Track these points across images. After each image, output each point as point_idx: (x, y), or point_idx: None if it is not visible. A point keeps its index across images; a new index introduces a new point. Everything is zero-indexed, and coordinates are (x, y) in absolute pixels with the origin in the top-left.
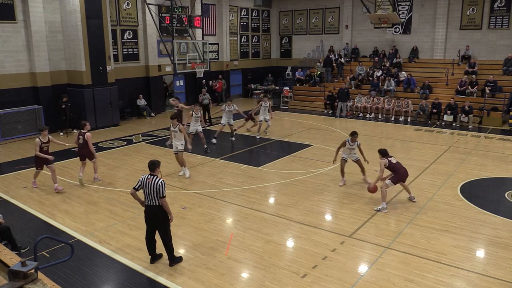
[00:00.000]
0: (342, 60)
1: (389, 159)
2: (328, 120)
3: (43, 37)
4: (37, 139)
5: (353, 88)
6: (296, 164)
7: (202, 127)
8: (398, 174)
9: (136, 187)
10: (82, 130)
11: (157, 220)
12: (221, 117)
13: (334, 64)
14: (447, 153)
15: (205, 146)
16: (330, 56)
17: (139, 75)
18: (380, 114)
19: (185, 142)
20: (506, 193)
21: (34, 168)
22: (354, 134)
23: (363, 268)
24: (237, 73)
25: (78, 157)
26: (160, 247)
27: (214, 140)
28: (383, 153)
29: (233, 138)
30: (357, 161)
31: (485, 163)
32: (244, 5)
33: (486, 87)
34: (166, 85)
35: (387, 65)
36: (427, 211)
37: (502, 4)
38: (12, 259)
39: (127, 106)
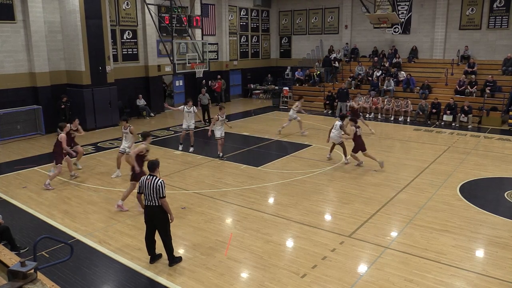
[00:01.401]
0: (337, 64)
1: (357, 129)
2: (327, 120)
3: (42, 37)
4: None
5: (352, 88)
6: (296, 164)
7: (195, 127)
8: (356, 144)
9: (140, 191)
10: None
11: (157, 220)
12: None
13: (332, 66)
14: (447, 153)
15: (221, 154)
16: (330, 57)
17: (139, 75)
18: (379, 114)
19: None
20: (506, 193)
21: (54, 163)
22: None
23: (362, 268)
24: (236, 73)
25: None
26: (159, 247)
27: (180, 148)
28: (355, 120)
29: (192, 149)
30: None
31: (484, 163)
32: (243, 5)
33: (486, 87)
34: (165, 85)
35: (386, 65)
36: (427, 211)
37: (502, 4)
38: (11, 259)
39: (127, 106)
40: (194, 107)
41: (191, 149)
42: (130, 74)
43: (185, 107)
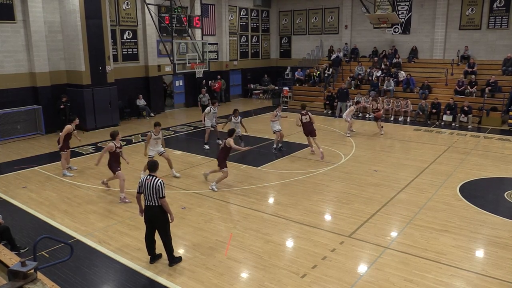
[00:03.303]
0: (330, 70)
1: (302, 117)
2: (327, 120)
3: (42, 37)
4: (111, 144)
5: (352, 88)
6: (296, 164)
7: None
8: (304, 128)
9: (139, 191)
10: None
11: (157, 220)
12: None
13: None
14: (447, 153)
15: (278, 145)
16: (339, 55)
17: (139, 75)
18: None
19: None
20: (505, 193)
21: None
22: (236, 111)
23: (362, 268)
24: (236, 73)
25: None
26: (159, 247)
27: (206, 146)
28: (302, 106)
29: (220, 141)
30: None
31: (484, 163)
32: (243, 5)
33: (487, 88)
34: (166, 85)
35: (387, 64)
36: (427, 211)
37: (502, 4)
38: (11, 259)
39: (127, 106)
40: (218, 106)
41: (220, 141)
42: (130, 74)
43: (211, 108)
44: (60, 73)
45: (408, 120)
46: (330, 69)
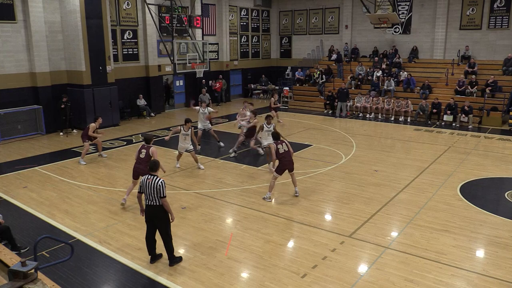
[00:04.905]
0: (324, 77)
1: (278, 146)
2: (328, 120)
3: (43, 37)
4: (154, 148)
5: (352, 88)
6: (296, 164)
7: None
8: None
9: (140, 190)
10: (146, 144)
11: (158, 220)
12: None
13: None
14: (447, 153)
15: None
16: (340, 53)
17: (139, 75)
18: (380, 114)
19: (193, 143)
20: (506, 193)
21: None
22: (268, 117)
23: (363, 268)
24: (237, 73)
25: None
26: (160, 247)
27: (198, 147)
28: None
29: (222, 144)
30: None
31: (484, 163)
32: (244, 5)
33: (487, 88)
34: (167, 85)
35: (388, 64)
36: (427, 211)
37: (502, 4)
38: (12, 259)
39: (127, 106)
40: (208, 107)
41: (222, 144)
42: (131, 74)
43: (200, 108)
44: (60, 73)
45: (408, 120)
46: (324, 76)
